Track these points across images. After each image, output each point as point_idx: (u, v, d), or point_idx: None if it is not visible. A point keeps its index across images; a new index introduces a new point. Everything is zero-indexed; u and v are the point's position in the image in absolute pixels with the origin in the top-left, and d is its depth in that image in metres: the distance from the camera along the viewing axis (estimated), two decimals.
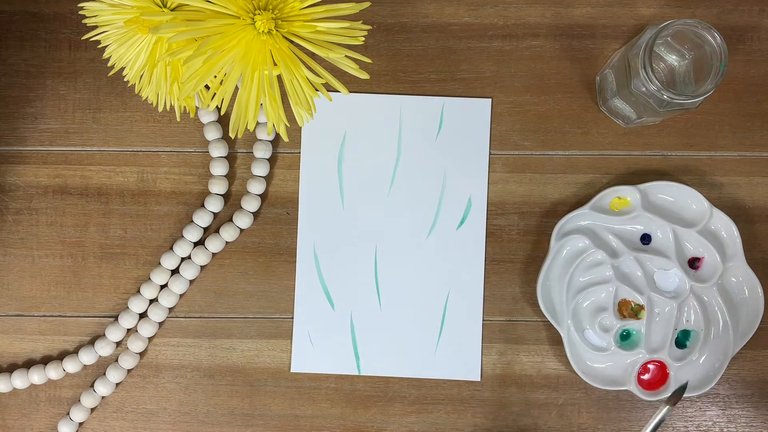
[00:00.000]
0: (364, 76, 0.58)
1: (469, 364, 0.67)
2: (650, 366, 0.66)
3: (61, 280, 0.68)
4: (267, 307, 0.68)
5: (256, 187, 0.67)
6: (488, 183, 0.68)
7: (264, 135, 0.67)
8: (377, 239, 0.67)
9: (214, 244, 0.67)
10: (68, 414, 0.67)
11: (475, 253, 0.67)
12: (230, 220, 0.68)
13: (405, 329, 0.67)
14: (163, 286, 0.67)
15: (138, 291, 0.67)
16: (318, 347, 0.67)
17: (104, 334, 0.67)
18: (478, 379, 0.67)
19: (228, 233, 0.67)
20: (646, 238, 0.67)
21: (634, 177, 0.67)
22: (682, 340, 0.66)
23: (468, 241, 0.67)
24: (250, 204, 0.67)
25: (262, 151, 0.67)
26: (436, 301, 0.67)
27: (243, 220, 0.67)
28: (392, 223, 0.68)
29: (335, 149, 0.68)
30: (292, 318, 0.68)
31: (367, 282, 0.67)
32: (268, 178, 0.68)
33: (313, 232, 0.68)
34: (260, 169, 0.67)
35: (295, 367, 0.67)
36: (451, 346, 0.67)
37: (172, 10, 0.56)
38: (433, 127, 0.68)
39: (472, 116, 0.68)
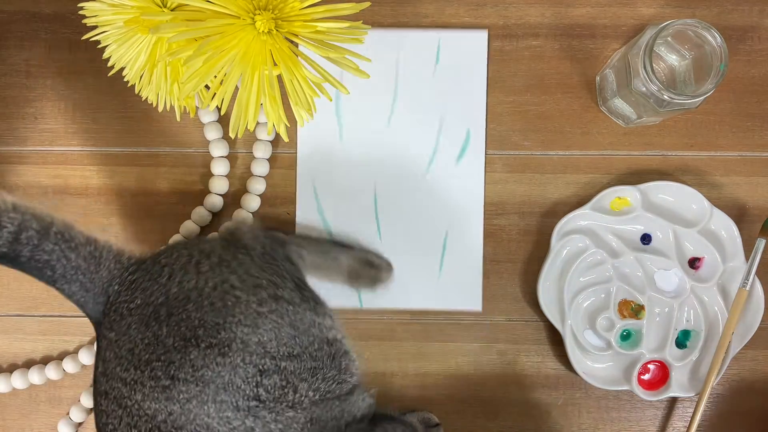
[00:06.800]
0: (364, 76, 0.58)
1: (470, 294, 0.67)
2: (650, 366, 0.66)
3: None
4: None
5: (256, 187, 0.67)
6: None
7: (264, 135, 0.67)
8: (376, 175, 0.67)
9: None
10: (68, 414, 0.67)
11: (474, 185, 0.67)
12: (230, 219, 0.67)
13: (406, 262, 0.67)
14: None
15: None
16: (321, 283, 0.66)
17: None
18: (480, 309, 0.67)
19: None
20: (646, 238, 0.67)
21: (634, 177, 0.67)
22: (682, 340, 0.66)
23: (467, 174, 0.67)
24: (250, 204, 0.67)
25: (262, 151, 0.67)
26: (436, 233, 0.67)
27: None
28: (391, 159, 0.67)
29: (331, 88, 0.67)
30: None
31: (367, 217, 0.67)
32: (268, 178, 0.68)
33: (312, 175, 0.67)
34: (260, 169, 0.67)
35: None
36: (452, 278, 0.67)
37: (172, 10, 0.56)
38: (430, 62, 0.67)
39: (468, 49, 0.67)
